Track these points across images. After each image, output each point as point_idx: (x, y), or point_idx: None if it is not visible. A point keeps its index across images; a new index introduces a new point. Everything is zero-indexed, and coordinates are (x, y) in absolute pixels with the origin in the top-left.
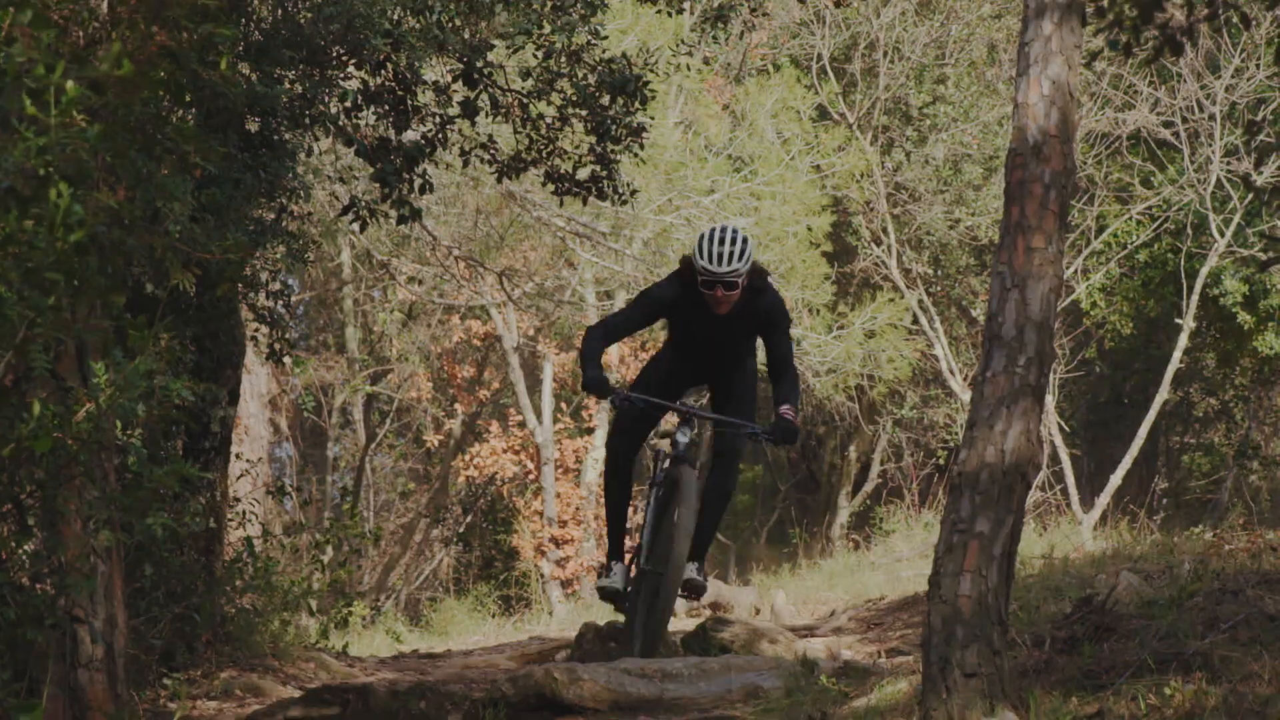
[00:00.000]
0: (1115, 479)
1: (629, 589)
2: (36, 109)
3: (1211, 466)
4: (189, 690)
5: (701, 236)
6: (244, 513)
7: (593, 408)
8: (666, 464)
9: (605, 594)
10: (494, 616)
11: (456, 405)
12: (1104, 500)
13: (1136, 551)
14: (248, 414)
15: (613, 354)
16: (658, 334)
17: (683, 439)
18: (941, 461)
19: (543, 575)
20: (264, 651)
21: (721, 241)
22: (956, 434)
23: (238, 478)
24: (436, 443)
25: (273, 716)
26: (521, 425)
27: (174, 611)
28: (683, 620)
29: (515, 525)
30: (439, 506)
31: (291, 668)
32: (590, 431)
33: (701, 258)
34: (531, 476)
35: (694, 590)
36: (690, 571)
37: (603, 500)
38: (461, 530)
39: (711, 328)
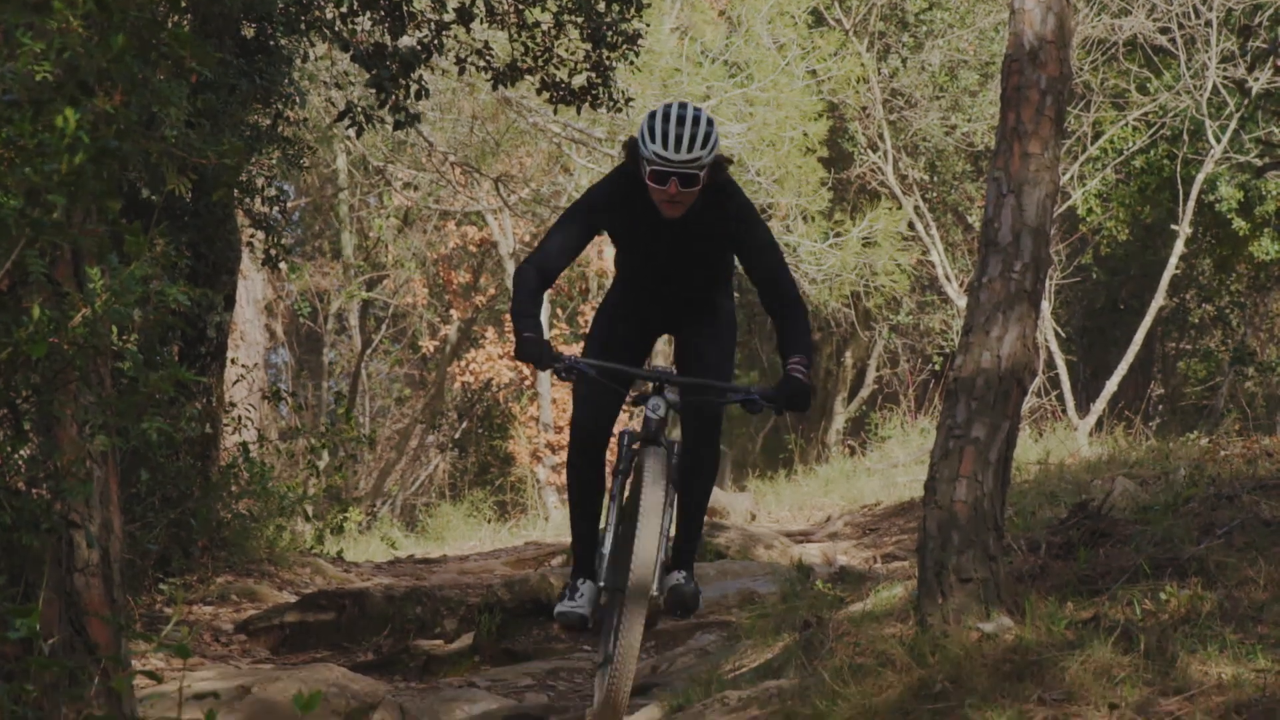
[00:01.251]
0: (1111, 385)
1: (597, 616)
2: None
3: (1207, 372)
4: (185, 595)
5: (653, 114)
6: (240, 418)
7: (589, 313)
8: (632, 445)
9: (567, 621)
10: (490, 522)
11: (452, 311)
12: (1100, 406)
13: (1132, 457)
14: (243, 319)
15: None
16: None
17: (652, 413)
18: (937, 368)
19: (538, 481)
20: (260, 557)
21: (680, 121)
22: (952, 340)
23: (233, 383)
24: (432, 348)
25: (268, 621)
26: None
27: (170, 517)
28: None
29: (511, 431)
30: (435, 412)
31: (287, 573)
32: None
33: (653, 141)
34: (527, 382)
35: (682, 603)
36: (676, 578)
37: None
38: (457, 436)
39: (665, 241)
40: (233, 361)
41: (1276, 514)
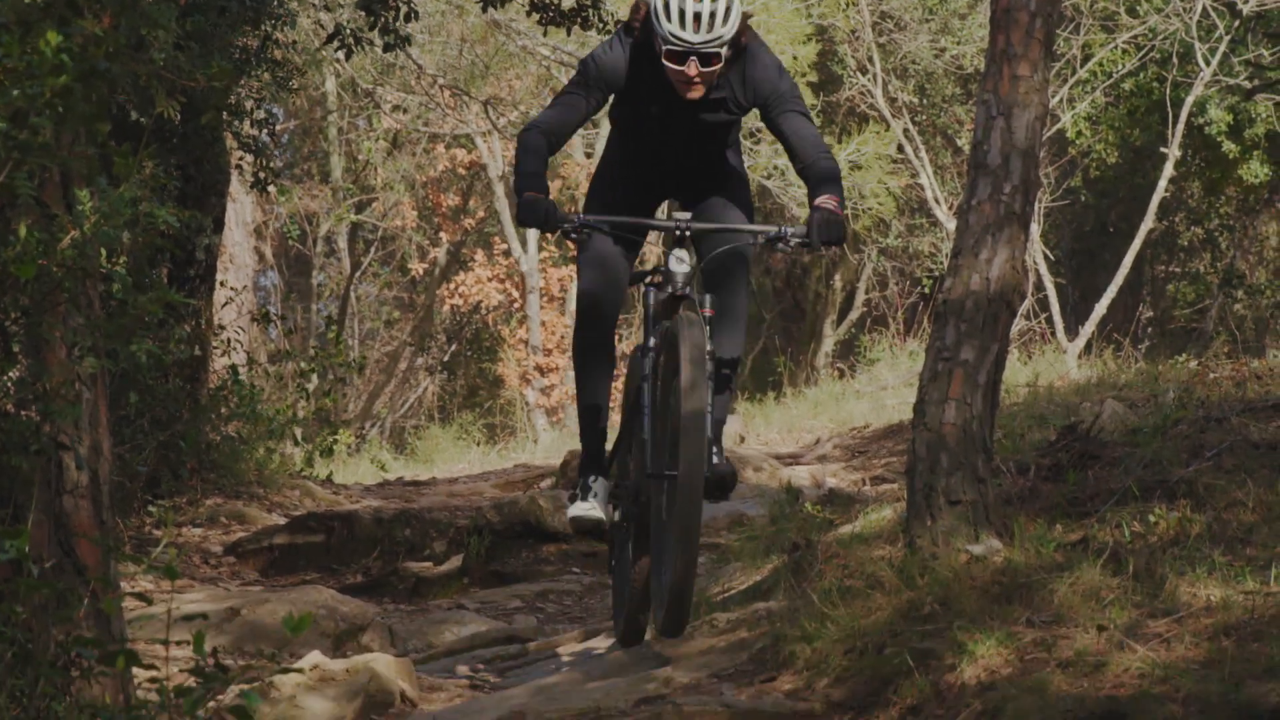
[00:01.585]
0: (1100, 308)
1: (617, 517)
2: None
3: (1196, 295)
4: (174, 517)
5: None
6: (229, 340)
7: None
8: (658, 309)
9: (582, 527)
10: (479, 445)
11: (441, 234)
12: (1089, 329)
13: (1121, 380)
14: (232, 242)
15: None
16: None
17: (678, 267)
18: (926, 290)
19: (527, 403)
20: (249, 479)
21: None
22: (941, 263)
23: (222, 305)
24: (421, 271)
25: (258, 543)
26: (506, 254)
27: (159, 439)
28: None
29: (500, 354)
30: (424, 335)
31: (276, 495)
32: (574, 259)
33: (668, 20)
34: (516, 305)
35: (722, 485)
36: (713, 460)
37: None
38: (446, 359)
39: (679, 118)
40: (221, 284)
41: (1265, 436)
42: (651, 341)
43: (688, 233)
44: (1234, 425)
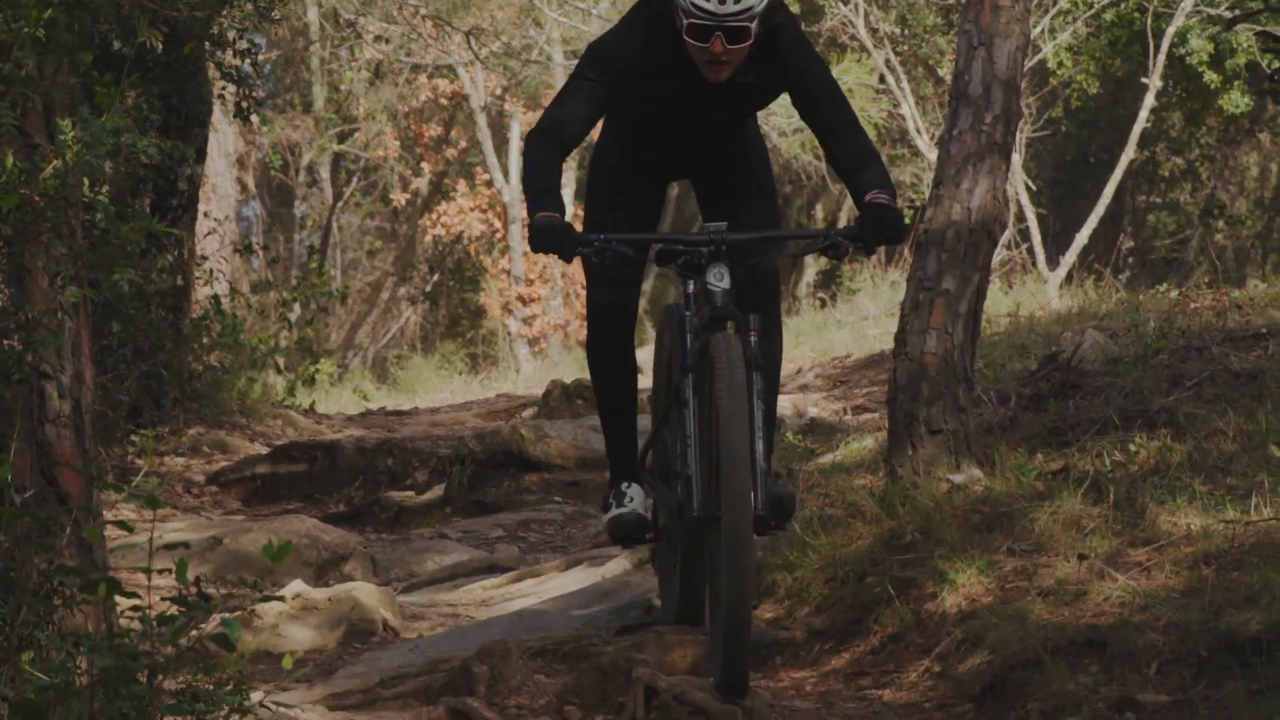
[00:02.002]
0: (1081, 238)
1: (656, 523)
2: None
3: (1177, 225)
4: (156, 446)
5: None
6: (211, 270)
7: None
8: (696, 330)
9: (621, 529)
10: (461, 374)
11: (423, 164)
12: (1070, 259)
13: (1102, 309)
14: (215, 172)
15: None
16: None
17: (716, 283)
18: (908, 220)
19: (510, 333)
20: (231, 409)
21: None
22: (923, 193)
23: (205, 235)
24: (404, 201)
25: (240, 473)
26: (489, 184)
27: (141, 368)
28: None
29: (482, 284)
30: (406, 265)
31: (259, 425)
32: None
33: None
34: (498, 235)
35: (781, 510)
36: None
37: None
38: (429, 289)
39: (700, 103)
40: (204, 214)
41: (1246, 366)
42: (690, 360)
43: (723, 246)
44: (1214, 355)
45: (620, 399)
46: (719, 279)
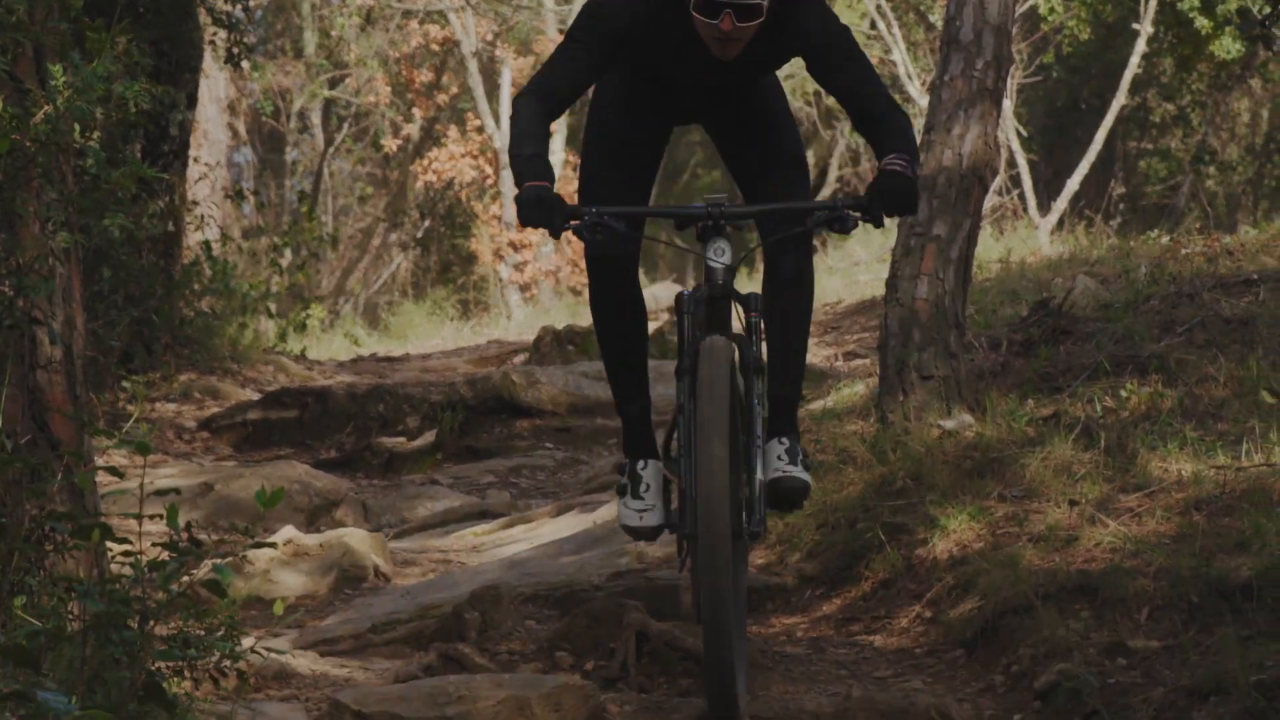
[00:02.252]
0: (1072, 184)
1: (674, 517)
2: None
3: (1168, 172)
4: (147, 392)
5: None
6: (202, 216)
7: None
8: (695, 317)
9: (638, 534)
10: (452, 320)
11: (415, 110)
12: (1061, 205)
13: (1093, 255)
14: (206, 118)
15: None
16: None
17: (715, 258)
18: None
19: (501, 279)
20: (222, 355)
21: None
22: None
23: (196, 181)
24: (395, 147)
25: (231, 419)
26: (480, 130)
27: (133, 314)
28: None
29: (473, 229)
30: (397, 211)
31: (250, 371)
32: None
33: None
34: (489, 181)
35: (787, 496)
36: (778, 465)
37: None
38: (420, 235)
39: (706, 77)
40: (195, 160)
41: (1237, 311)
42: (687, 362)
43: (723, 221)
44: (1205, 300)
45: (623, 348)
46: (719, 254)
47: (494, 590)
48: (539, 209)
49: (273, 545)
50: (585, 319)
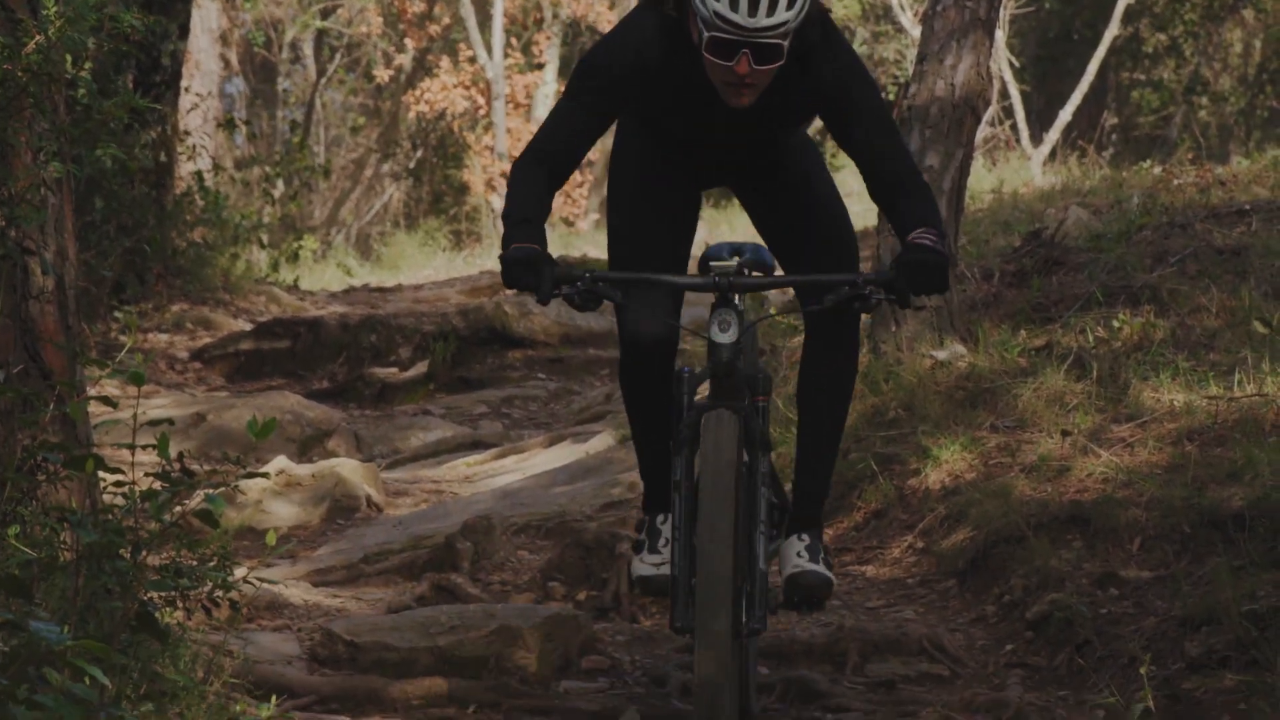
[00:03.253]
0: (1065, 115)
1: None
2: None
3: (1161, 102)
4: (140, 322)
5: None
6: (194, 147)
7: (544, 42)
8: (688, 391)
9: (650, 590)
10: (444, 251)
11: (407, 40)
12: (1053, 136)
13: (1085, 186)
14: (198, 48)
15: None
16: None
17: (720, 333)
18: (891, 96)
19: (493, 210)
20: (215, 285)
21: None
22: (906, 69)
23: (188, 111)
24: (387, 78)
25: (223, 349)
26: (472, 60)
27: (125, 244)
28: None
29: (465, 160)
30: (389, 141)
31: (242, 301)
32: (540, 67)
33: None
34: (482, 112)
35: (806, 595)
36: (796, 560)
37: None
38: (412, 165)
39: (720, 130)
40: (187, 90)
41: (1229, 242)
42: (684, 433)
43: (730, 292)
44: (1198, 231)
45: (652, 432)
46: (724, 329)
47: (486, 521)
48: (525, 269)
49: (265, 476)
50: (576, 250)
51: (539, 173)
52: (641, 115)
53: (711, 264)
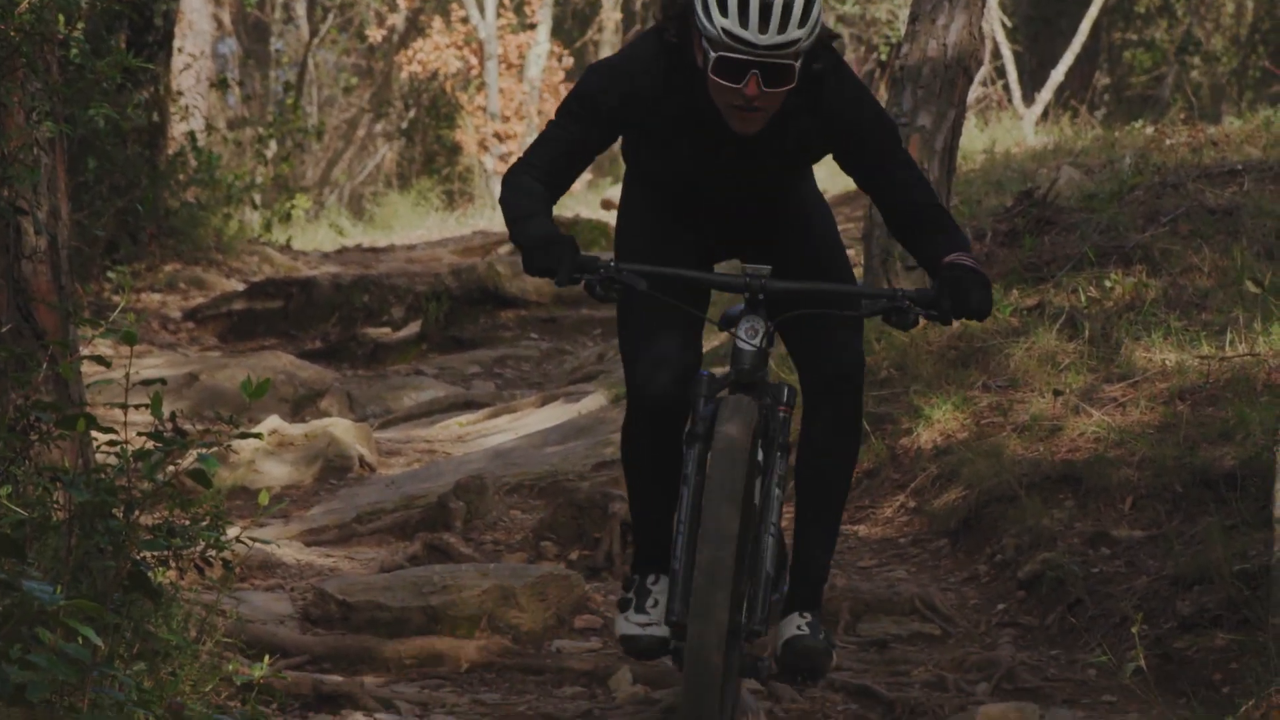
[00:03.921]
0: (1057, 74)
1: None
2: None
3: (1153, 62)
4: (133, 282)
5: None
6: (187, 107)
7: (536, 3)
8: (705, 394)
9: (636, 650)
10: (437, 211)
11: (399, 0)
12: (1046, 95)
13: (1078, 146)
14: (190, 8)
15: None
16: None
17: (746, 340)
18: (883, 57)
19: (486, 170)
20: (207, 245)
21: None
22: (899, 29)
23: (180, 71)
24: (380, 38)
25: (216, 309)
26: (465, 20)
27: (118, 204)
28: None
29: (458, 120)
30: (382, 102)
31: (235, 261)
32: (532, 27)
33: (721, 13)
34: (474, 72)
35: (807, 665)
36: (795, 629)
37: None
38: (405, 125)
39: (726, 160)
40: (180, 50)
41: (1221, 202)
42: (699, 429)
43: (761, 295)
44: (1190, 191)
45: (650, 496)
46: (750, 336)
47: (479, 480)
48: (544, 253)
49: (258, 435)
50: (568, 210)
51: (537, 185)
52: (642, 153)
53: (745, 266)
